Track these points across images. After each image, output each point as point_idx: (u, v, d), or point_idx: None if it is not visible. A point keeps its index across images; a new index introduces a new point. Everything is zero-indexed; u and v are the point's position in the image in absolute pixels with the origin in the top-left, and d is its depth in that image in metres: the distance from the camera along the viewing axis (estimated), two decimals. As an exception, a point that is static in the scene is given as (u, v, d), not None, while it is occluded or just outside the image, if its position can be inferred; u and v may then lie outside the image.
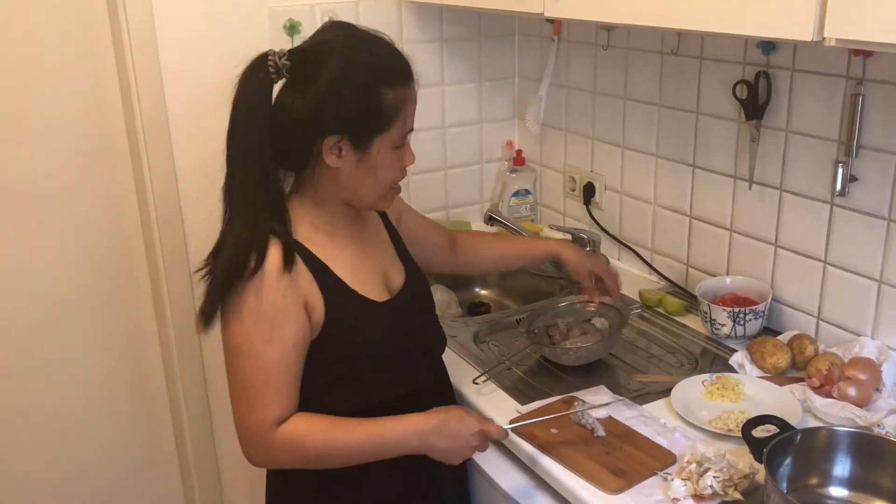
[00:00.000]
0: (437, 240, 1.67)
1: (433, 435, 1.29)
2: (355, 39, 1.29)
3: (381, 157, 1.29)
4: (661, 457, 1.35)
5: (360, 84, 1.24)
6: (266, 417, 1.26)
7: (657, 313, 1.89)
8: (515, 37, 2.38)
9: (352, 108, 1.25)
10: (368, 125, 1.27)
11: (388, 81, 1.26)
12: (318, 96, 1.24)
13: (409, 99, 1.29)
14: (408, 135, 1.33)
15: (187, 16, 1.92)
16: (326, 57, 1.25)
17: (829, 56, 1.53)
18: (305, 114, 1.25)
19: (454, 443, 1.29)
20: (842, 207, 1.57)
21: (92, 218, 2.05)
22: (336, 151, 1.27)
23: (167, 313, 2.10)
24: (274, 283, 1.24)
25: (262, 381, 1.26)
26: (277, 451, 1.29)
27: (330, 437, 1.28)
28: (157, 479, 2.29)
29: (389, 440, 1.29)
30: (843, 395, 1.42)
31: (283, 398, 1.27)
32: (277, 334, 1.25)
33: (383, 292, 1.39)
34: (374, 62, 1.27)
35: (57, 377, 2.10)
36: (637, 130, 2.03)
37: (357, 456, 1.30)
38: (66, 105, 1.96)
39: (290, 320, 1.26)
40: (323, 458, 1.30)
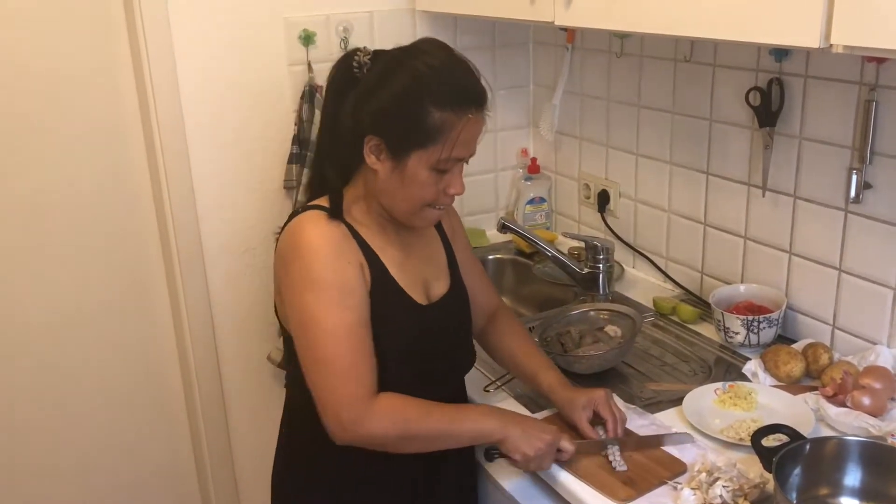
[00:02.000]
0: (479, 297, 1.57)
1: (511, 419, 1.33)
2: (431, 57, 1.29)
3: (417, 173, 1.28)
4: (672, 466, 1.34)
5: (407, 92, 1.25)
6: (363, 386, 1.26)
7: (671, 321, 1.88)
8: (530, 45, 2.39)
9: (393, 114, 1.26)
10: (406, 136, 1.27)
11: (439, 102, 1.24)
12: (374, 98, 1.28)
13: (458, 126, 1.26)
14: (457, 162, 1.30)
15: (204, 27, 1.95)
16: (397, 66, 1.28)
17: (842, 62, 1.52)
18: (359, 111, 1.29)
19: (530, 432, 1.31)
20: (856, 214, 1.56)
21: (110, 226, 2.08)
22: (376, 152, 1.30)
23: (184, 319, 2.12)
24: (334, 250, 1.28)
25: (351, 351, 1.26)
26: (376, 423, 1.25)
27: (424, 410, 1.29)
28: (174, 478, 2.32)
29: (473, 417, 1.32)
30: (856, 405, 1.40)
31: (370, 367, 1.28)
32: (351, 302, 1.27)
33: (422, 297, 1.40)
34: (433, 78, 1.26)
35: (76, 380, 2.13)
36: (651, 138, 2.02)
37: (444, 432, 1.30)
38: (85, 116, 1.99)
39: (358, 285, 1.29)
40: (416, 432, 1.28)
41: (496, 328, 1.59)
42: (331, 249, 1.28)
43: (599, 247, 2.00)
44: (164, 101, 1.95)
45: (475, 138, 1.31)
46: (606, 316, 1.81)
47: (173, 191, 2.02)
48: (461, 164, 1.32)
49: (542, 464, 1.33)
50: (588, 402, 1.42)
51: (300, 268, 1.28)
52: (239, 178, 2.08)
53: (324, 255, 1.27)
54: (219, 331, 2.15)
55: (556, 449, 1.33)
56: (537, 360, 1.52)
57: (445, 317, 1.44)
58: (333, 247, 1.28)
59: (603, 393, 1.43)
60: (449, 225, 1.54)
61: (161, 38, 1.91)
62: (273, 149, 2.07)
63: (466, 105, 1.27)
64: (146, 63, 1.92)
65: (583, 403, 1.42)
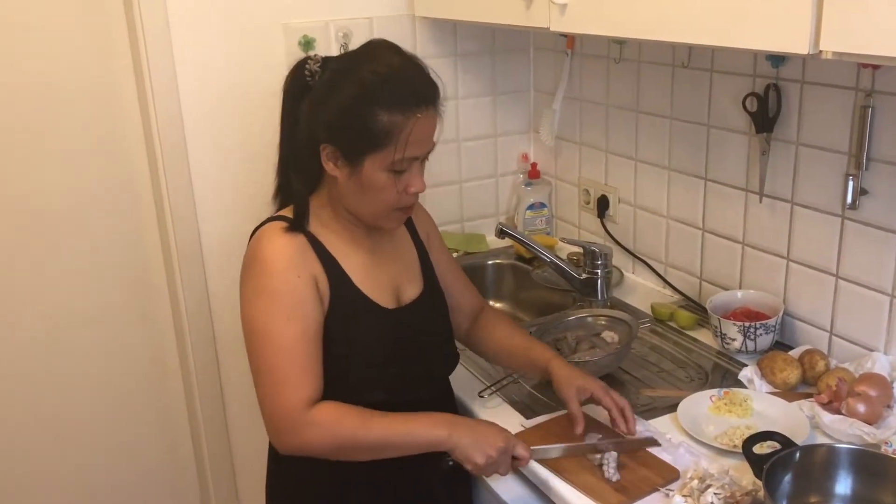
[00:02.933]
0: (460, 299, 1.59)
1: (462, 427, 1.30)
2: (375, 58, 1.30)
3: (374, 177, 1.30)
4: (664, 472, 1.33)
5: (353, 99, 1.27)
6: (298, 397, 1.27)
7: (669, 327, 1.88)
8: (530, 51, 2.39)
9: (340, 120, 1.28)
10: (357, 141, 1.28)
11: (386, 104, 1.25)
12: (324, 106, 1.29)
13: (407, 126, 1.27)
14: (414, 162, 1.31)
15: (204, 33, 1.96)
16: (343, 73, 1.30)
17: (839, 68, 1.51)
18: (312, 120, 1.31)
19: (480, 438, 1.28)
20: (853, 221, 1.55)
21: (112, 229, 2.10)
22: (332, 159, 1.31)
23: (184, 321, 2.13)
24: (287, 264, 1.30)
25: (289, 360, 1.27)
26: (311, 433, 1.27)
27: (363, 419, 1.28)
28: (173, 479, 2.33)
29: (419, 426, 1.30)
30: (851, 412, 1.40)
31: (311, 377, 1.29)
32: (297, 313, 1.28)
33: (390, 301, 1.41)
34: (377, 81, 1.27)
35: (77, 382, 2.14)
36: (649, 143, 2.02)
37: (386, 441, 1.29)
38: (86, 122, 2.01)
39: (308, 299, 1.30)
40: (355, 442, 1.28)
41: (481, 326, 1.60)
42: (282, 262, 1.30)
43: (597, 252, 2.00)
44: (164, 106, 1.97)
45: (429, 135, 1.32)
46: (604, 322, 1.80)
47: (173, 195, 2.03)
48: (419, 163, 1.33)
49: (497, 469, 1.31)
50: (584, 386, 1.41)
51: (252, 279, 1.32)
52: (238, 182, 2.09)
53: (273, 268, 1.30)
54: (218, 333, 2.16)
55: (510, 456, 1.31)
56: (528, 341, 1.53)
57: (419, 320, 1.44)
58: (285, 260, 1.30)
59: (601, 384, 1.43)
60: (424, 229, 1.55)
61: (161, 44, 1.93)
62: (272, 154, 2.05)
63: (414, 105, 1.27)
64: (147, 69, 1.93)
65: (579, 385, 1.41)
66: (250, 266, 1.33)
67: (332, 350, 1.33)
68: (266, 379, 1.29)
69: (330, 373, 1.33)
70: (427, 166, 2.36)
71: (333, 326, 1.33)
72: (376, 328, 1.37)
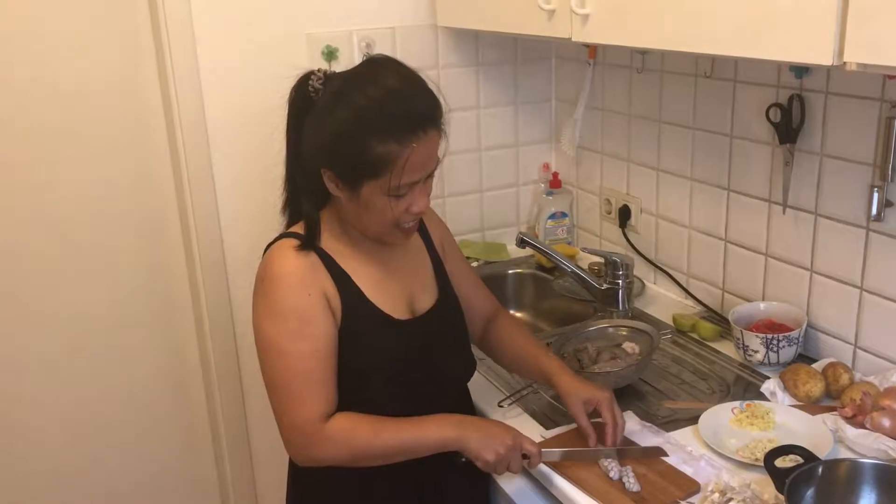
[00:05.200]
0: (476, 305, 1.59)
1: (470, 426, 1.33)
2: (371, 80, 1.27)
3: (372, 201, 1.29)
4: (685, 485, 1.33)
5: (345, 125, 1.25)
6: (312, 413, 1.29)
7: (691, 338, 1.87)
8: (552, 60, 2.39)
9: (334, 148, 1.27)
10: (355, 170, 1.27)
11: (381, 134, 1.23)
12: (321, 131, 1.28)
13: (403, 154, 1.24)
14: (414, 185, 1.29)
15: (228, 42, 1.99)
16: (340, 96, 1.27)
17: (863, 79, 1.50)
18: (310, 143, 1.31)
19: (488, 437, 1.31)
20: (878, 233, 1.54)
21: (135, 237, 2.12)
22: (333, 182, 1.31)
23: (206, 329, 2.15)
24: (298, 282, 1.30)
25: (303, 377, 1.29)
26: (326, 447, 1.30)
27: (374, 427, 1.31)
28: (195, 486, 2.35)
29: (429, 428, 1.32)
30: (876, 426, 1.38)
31: (323, 393, 1.31)
32: (309, 331, 1.30)
33: (404, 312, 1.41)
34: (372, 111, 1.24)
35: (99, 389, 2.17)
36: (672, 153, 2.01)
37: (399, 446, 1.32)
38: (112, 130, 2.03)
39: (319, 318, 1.31)
40: (369, 451, 1.31)
41: (495, 330, 1.60)
42: (293, 280, 1.31)
43: (619, 262, 1.99)
44: (188, 115, 1.99)
45: (428, 158, 1.29)
46: (625, 332, 1.79)
47: (197, 202, 2.05)
48: (421, 184, 1.31)
49: (508, 467, 1.34)
50: (590, 398, 1.42)
51: (264, 297, 1.33)
52: (260, 189, 2.10)
53: (285, 286, 1.31)
54: (240, 339, 2.18)
55: (519, 453, 1.34)
56: (539, 352, 1.53)
57: (434, 329, 1.44)
58: (297, 277, 1.31)
59: (607, 395, 1.43)
60: (438, 239, 1.55)
61: (186, 53, 1.95)
62: (294, 163, 2.09)
63: (410, 132, 1.24)
64: (171, 78, 1.96)
65: (584, 398, 1.42)
66: (261, 284, 1.34)
67: (347, 363, 1.34)
68: (280, 396, 1.32)
69: (346, 385, 1.34)
70: (448, 175, 2.39)
71: (347, 340, 1.34)
72: (390, 340, 1.38)
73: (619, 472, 1.35)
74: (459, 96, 2.27)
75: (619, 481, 1.34)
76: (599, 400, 1.42)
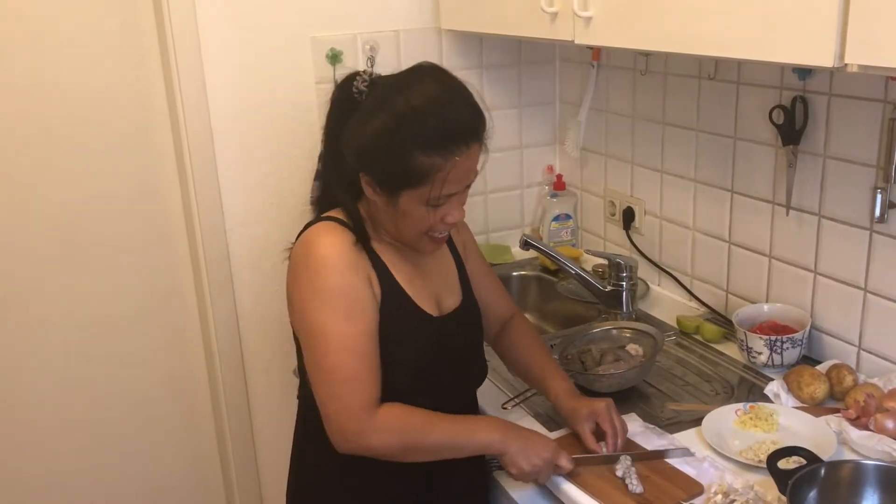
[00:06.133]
0: (493, 307, 1.59)
1: (513, 432, 1.35)
2: (418, 91, 1.26)
3: (409, 209, 1.29)
4: (688, 487, 1.33)
5: (393, 140, 1.24)
6: (365, 398, 1.27)
7: (695, 340, 1.87)
8: (556, 63, 2.40)
9: (382, 160, 1.26)
10: (393, 178, 1.27)
11: (424, 145, 1.23)
12: (363, 137, 1.27)
13: (446, 168, 1.24)
14: (451, 196, 1.29)
15: (233, 46, 2.00)
16: (387, 104, 1.26)
17: (866, 81, 1.50)
18: (351, 147, 1.30)
19: (529, 448, 1.33)
20: (881, 234, 1.53)
21: (141, 241, 2.13)
22: (370, 186, 1.31)
23: (211, 331, 2.16)
24: (342, 262, 1.29)
25: (356, 358, 1.27)
26: (379, 436, 1.27)
27: (427, 417, 1.31)
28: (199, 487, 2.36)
29: (477, 426, 1.35)
30: (880, 428, 1.38)
31: (375, 377, 1.29)
32: (357, 312, 1.28)
33: (434, 309, 1.41)
34: (416, 120, 1.23)
35: (104, 389, 2.18)
36: (675, 155, 2.02)
37: (448, 443, 1.32)
38: (118, 133, 2.05)
39: (365, 296, 1.30)
40: (419, 444, 1.30)
41: (509, 334, 1.60)
42: (341, 260, 1.29)
43: (622, 264, 1.99)
44: (193, 118, 2.00)
45: (469, 172, 1.29)
46: (628, 334, 1.80)
47: (202, 206, 2.06)
48: (458, 195, 1.31)
49: (538, 478, 1.36)
50: (589, 413, 1.43)
51: (309, 277, 1.29)
52: (266, 193, 2.11)
53: (333, 265, 1.28)
54: (245, 343, 2.18)
55: (553, 465, 1.35)
56: (546, 368, 1.53)
57: (457, 329, 1.45)
58: (344, 257, 1.29)
59: (604, 405, 1.43)
60: (461, 241, 1.55)
61: (191, 57, 1.96)
62: (300, 165, 2.10)
63: (454, 145, 1.24)
64: (177, 81, 1.97)
65: (584, 415, 1.43)
66: (304, 264, 1.30)
67: (382, 354, 1.33)
68: (329, 378, 1.27)
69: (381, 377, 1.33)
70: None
71: (382, 329, 1.32)
72: (421, 334, 1.38)
73: (623, 472, 1.35)
74: (463, 99, 2.28)
75: (622, 483, 1.34)
76: (597, 411, 1.42)
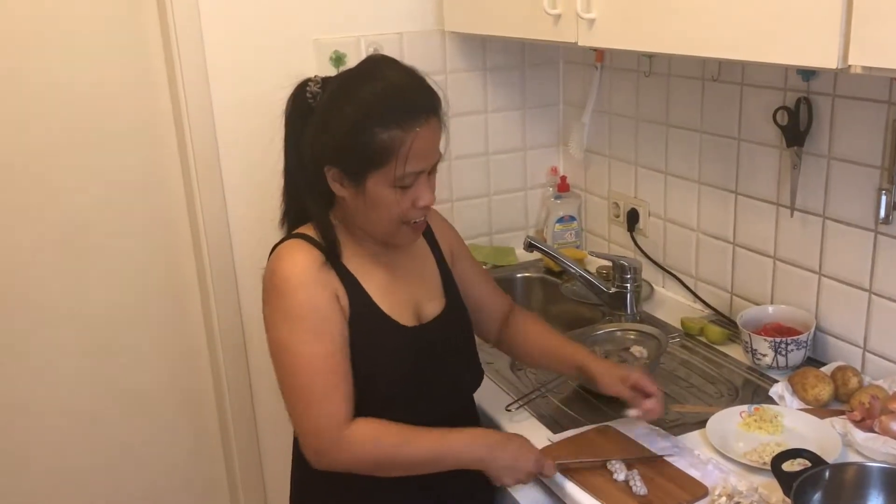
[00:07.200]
0: (491, 305, 1.60)
1: (498, 447, 1.33)
2: (372, 76, 1.30)
3: (379, 194, 1.29)
4: (692, 489, 1.32)
5: (349, 119, 1.26)
6: (335, 416, 1.28)
7: (699, 342, 1.86)
8: (559, 64, 2.40)
9: (339, 142, 1.28)
10: (358, 161, 1.28)
11: (383, 122, 1.25)
12: (323, 128, 1.30)
13: (407, 141, 1.26)
14: (419, 175, 1.30)
15: (237, 48, 2.00)
16: (340, 92, 1.30)
17: (870, 82, 1.50)
18: (313, 142, 1.32)
19: (514, 461, 1.33)
20: (886, 235, 1.53)
21: (145, 241, 2.14)
22: (338, 180, 1.32)
23: (216, 334, 2.17)
24: (308, 280, 1.30)
25: (323, 376, 1.28)
26: (350, 451, 1.28)
27: (402, 436, 1.30)
28: (204, 486, 2.36)
29: (458, 443, 1.33)
30: (885, 430, 1.37)
31: (345, 394, 1.29)
32: (326, 329, 1.29)
33: (411, 319, 1.40)
34: (372, 100, 1.26)
35: (112, 391, 2.19)
36: (679, 156, 2.01)
37: (424, 458, 1.31)
38: (122, 134, 2.05)
39: (332, 316, 1.30)
40: (394, 460, 1.31)
41: (512, 326, 1.60)
42: (306, 278, 1.30)
43: (627, 266, 1.99)
44: (197, 120, 2.00)
45: (431, 147, 1.30)
46: (633, 336, 1.80)
47: (206, 207, 2.06)
48: (425, 176, 1.32)
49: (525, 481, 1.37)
50: (626, 375, 1.43)
51: (275, 299, 1.31)
52: (269, 195, 2.08)
53: (297, 285, 1.30)
54: (250, 342, 2.19)
55: (539, 468, 1.35)
56: (560, 340, 1.55)
57: (441, 337, 1.43)
58: (308, 276, 1.30)
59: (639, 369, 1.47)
60: (447, 244, 1.55)
61: (195, 60, 1.97)
62: (302, 168, 2.10)
63: (413, 119, 1.26)
64: (181, 84, 1.97)
65: (620, 375, 1.44)
66: (271, 285, 1.33)
67: (356, 369, 1.33)
68: (299, 399, 1.29)
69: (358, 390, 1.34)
70: (456, 179, 2.40)
71: (354, 344, 1.33)
72: (396, 346, 1.37)
73: (626, 475, 1.35)
74: (467, 101, 2.28)
75: (625, 484, 1.34)
76: (636, 376, 1.42)
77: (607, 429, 1.50)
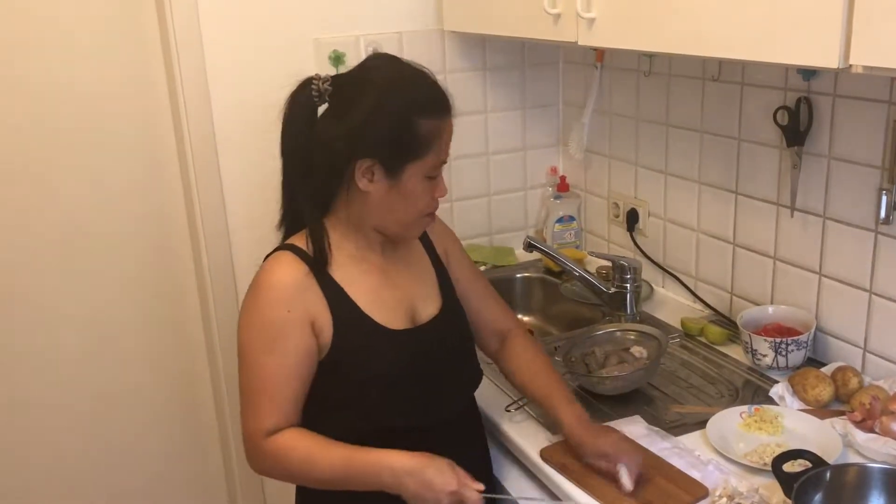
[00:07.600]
0: (486, 318, 1.57)
1: (406, 476, 1.24)
2: (396, 71, 1.34)
3: (412, 185, 1.32)
4: (693, 490, 1.32)
5: (396, 111, 1.28)
6: (259, 425, 1.31)
7: (699, 342, 1.86)
8: (559, 64, 2.40)
9: (387, 134, 1.28)
10: (401, 152, 1.30)
11: (423, 112, 1.29)
12: (355, 121, 1.29)
13: (443, 130, 1.32)
14: (441, 166, 1.35)
15: (236, 47, 2.00)
16: (366, 85, 1.31)
17: (871, 82, 1.50)
18: (341, 137, 1.29)
19: (425, 492, 1.24)
20: (886, 235, 1.53)
21: (144, 240, 2.14)
22: (368, 175, 1.31)
23: (215, 334, 2.16)
24: (280, 297, 1.31)
25: (259, 389, 1.32)
26: (266, 460, 1.33)
27: (309, 454, 1.30)
28: (203, 489, 2.36)
29: (362, 468, 1.27)
30: (885, 430, 1.37)
31: (278, 409, 1.31)
32: (279, 346, 1.31)
33: (404, 321, 1.40)
34: (410, 92, 1.31)
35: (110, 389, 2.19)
36: (679, 156, 2.01)
37: (331, 477, 1.29)
38: (121, 134, 2.05)
39: (293, 335, 1.31)
40: (302, 474, 1.33)
41: (507, 352, 1.56)
42: (277, 294, 1.31)
43: (626, 266, 1.99)
44: (196, 121, 2.00)
45: (452, 137, 1.36)
46: (633, 336, 1.79)
47: (205, 207, 2.06)
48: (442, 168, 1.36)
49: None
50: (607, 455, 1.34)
51: (249, 304, 1.34)
52: (268, 196, 2.08)
53: (266, 298, 1.32)
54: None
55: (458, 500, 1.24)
56: (548, 384, 1.47)
57: (437, 338, 1.43)
58: (280, 292, 1.31)
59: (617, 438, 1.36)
60: (442, 245, 1.54)
61: (194, 59, 1.96)
62: (302, 168, 2.10)
63: (445, 110, 1.32)
64: (180, 84, 1.97)
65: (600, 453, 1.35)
66: (249, 292, 1.35)
67: (346, 376, 1.34)
68: (241, 402, 1.35)
69: (345, 398, 1.34)
70: (456, 179, 2.40)
71: (344, 353, 1.33)
72: (387, 351, 1.36)
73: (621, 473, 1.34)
74: (467, 100, 2.28)
75: None
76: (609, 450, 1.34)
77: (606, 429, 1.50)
